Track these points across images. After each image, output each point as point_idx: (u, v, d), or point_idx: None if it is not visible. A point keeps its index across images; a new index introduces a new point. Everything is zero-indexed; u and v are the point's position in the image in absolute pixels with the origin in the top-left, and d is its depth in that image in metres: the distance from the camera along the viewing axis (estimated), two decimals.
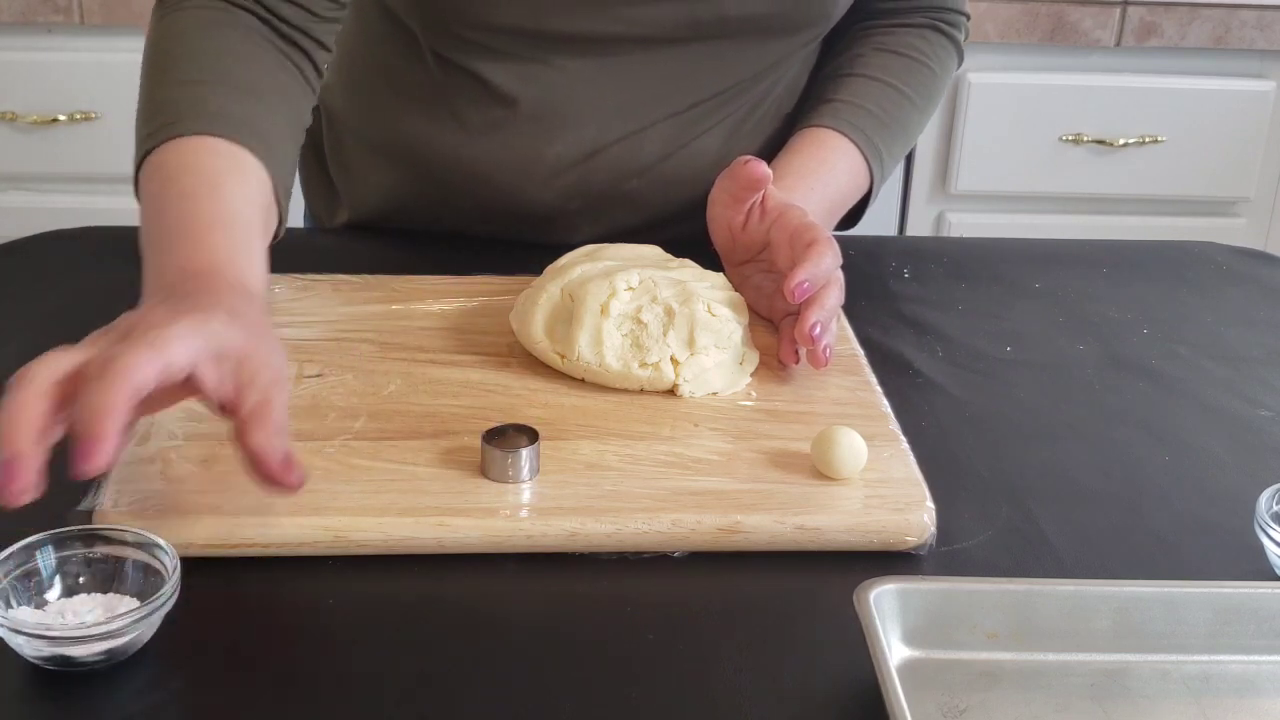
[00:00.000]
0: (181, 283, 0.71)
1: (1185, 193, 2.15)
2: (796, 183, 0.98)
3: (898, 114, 1.04)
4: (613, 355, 0.82)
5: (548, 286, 0.86)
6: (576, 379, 0.84)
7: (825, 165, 1.00)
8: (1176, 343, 0.98)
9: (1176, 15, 2.04)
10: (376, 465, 0.75)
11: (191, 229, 0.76)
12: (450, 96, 1.02)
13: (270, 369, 0.66)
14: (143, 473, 0.73)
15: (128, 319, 0.65)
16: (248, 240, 0.78)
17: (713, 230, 0.94)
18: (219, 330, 0.65)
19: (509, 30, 0.97)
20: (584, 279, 0.85)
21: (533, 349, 0.85)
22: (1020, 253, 1.15)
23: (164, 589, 0.62)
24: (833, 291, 0.84)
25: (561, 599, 0.69)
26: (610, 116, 1.01)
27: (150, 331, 0.62)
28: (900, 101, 1.05)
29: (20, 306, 0.97)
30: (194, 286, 0.70)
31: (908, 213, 2.15)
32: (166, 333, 0.62)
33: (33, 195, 2.04)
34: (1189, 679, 0.64)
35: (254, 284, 0.75)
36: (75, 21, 1.93)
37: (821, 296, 0.83)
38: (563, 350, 0.84)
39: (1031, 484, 0.79)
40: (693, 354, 0.83)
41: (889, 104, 1.04)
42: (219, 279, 0.72)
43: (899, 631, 0.64)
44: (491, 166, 1.02)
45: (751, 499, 0.73)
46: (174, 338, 0.62)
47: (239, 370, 0.65)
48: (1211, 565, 0.73)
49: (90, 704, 0.60)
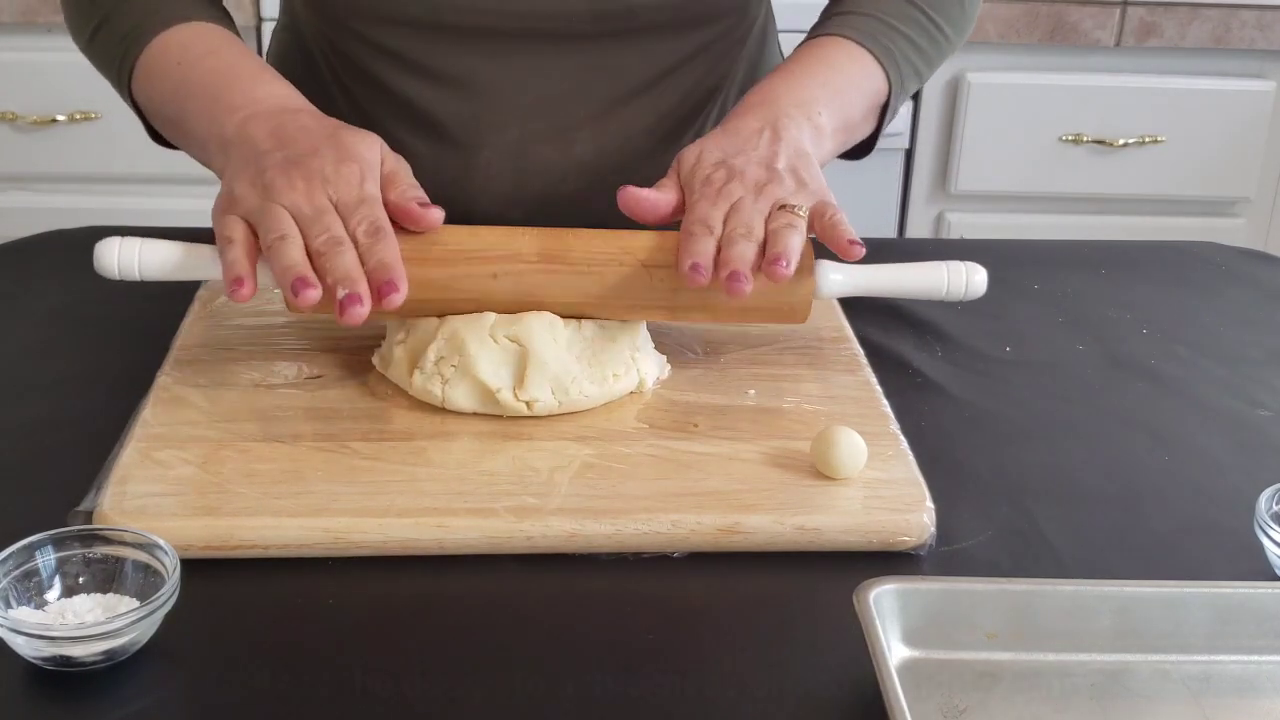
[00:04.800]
0: (287, 117, 0.83)
1: (1185, 193, 2.15)
2: (806, 90, 0.91)
3: (912, 26, 0.97)
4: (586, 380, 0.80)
5: (468, 344, 0.79)
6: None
7: (837, 70, 0.94)
8: (1176, 343, 0.98)
9: (1176, 15, 2.04)
10: (376, 465, 0.75)
11: (238, 78, 0.87)
12: (374, 117, 1.00)
13: (386, 149, 0.83)
14: (143, 473, 0.73)
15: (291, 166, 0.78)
16: (281, 77, 0.90)
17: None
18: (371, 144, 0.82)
19: (406, 22, 0.96)
20: (512, 320, 0.80)
21: (490, 409, 0.80)
22: (1020, 253, 1.15)
23: (164, 589, 0.62)
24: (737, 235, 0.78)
25: (561, 599, 0.69)
26: (531, 117, 0.99)
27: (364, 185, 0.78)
28: (913, 13, 0.97)
29: (20, 306, 0.97)
30: (292, 127, 0.82)
31: (907, 213, 2.15)
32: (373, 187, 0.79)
33: (33, 195, 2.04)
34: (1189, 679, 0.64)
35: (309, 105, 0.87)
36: None
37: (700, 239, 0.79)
38: (528, 398, 0.79)
39: (1031, 484, 0.79)
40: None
41: (901, 14, 0.97)
42: (307, 109, 0.86)
43: (899, 631, 0.64)
44: (426, 179, 1.00)
45: (751, 499, 0.73)
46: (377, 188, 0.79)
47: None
48: (1211, 565, 0.73)
49: (90, 704, 0.60)
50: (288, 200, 0.75)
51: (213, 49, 0.90)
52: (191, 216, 0.93)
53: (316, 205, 0.76)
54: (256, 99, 0.85)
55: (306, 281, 0.72)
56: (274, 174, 0.77)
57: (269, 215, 0.75)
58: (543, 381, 0.79)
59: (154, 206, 1.92)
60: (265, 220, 0.75)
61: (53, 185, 2.03)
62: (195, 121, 0.87)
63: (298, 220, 0.75)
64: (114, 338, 0.92)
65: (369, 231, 0.75)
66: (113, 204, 1.98)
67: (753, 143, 0.86)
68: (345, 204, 0.76)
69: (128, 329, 0.93)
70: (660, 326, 0.89)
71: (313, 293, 0.72)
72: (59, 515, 0.70)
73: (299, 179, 0.76)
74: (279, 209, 0.75)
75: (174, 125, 0.91)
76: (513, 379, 0.79)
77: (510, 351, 0.79)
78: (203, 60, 0.89)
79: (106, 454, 0.75)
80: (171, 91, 0.90)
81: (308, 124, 0.82)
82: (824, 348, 0.90)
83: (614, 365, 0.82)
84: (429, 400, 0.80)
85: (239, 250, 0.75)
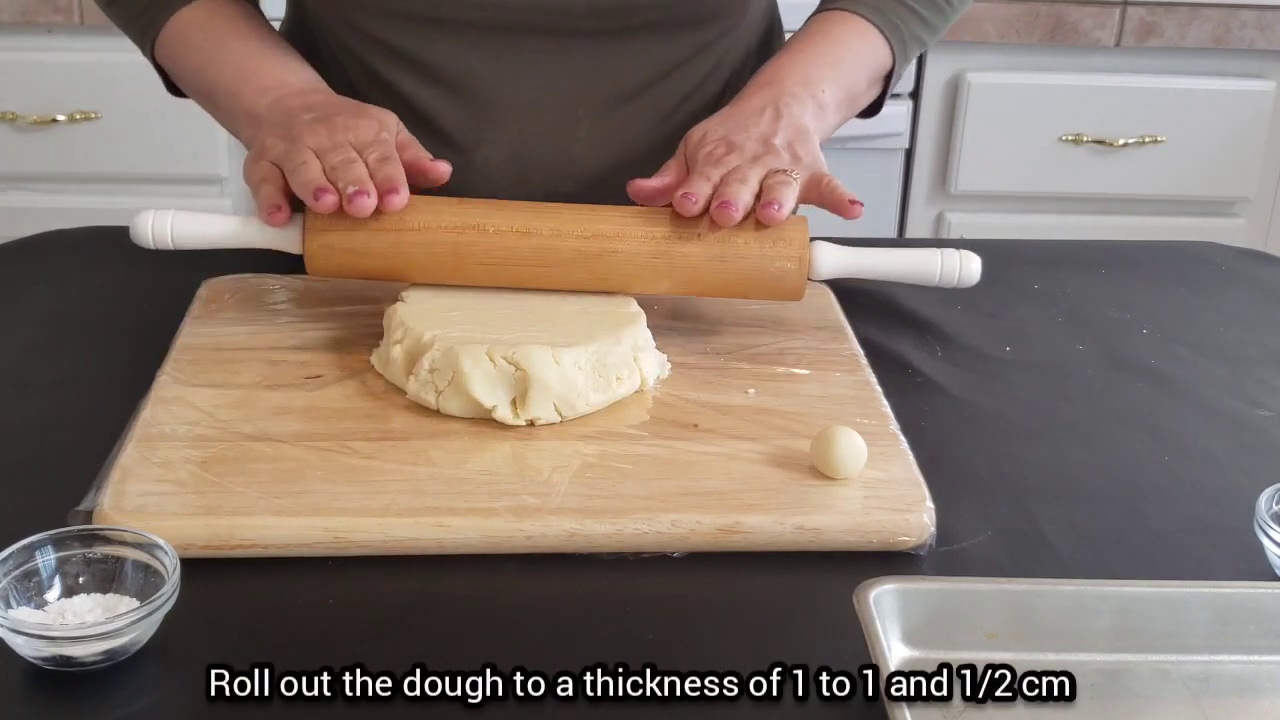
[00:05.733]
0: (314, 96, 0.93)
1: (1185, 193, 2.15)
2: (811, 68, 0.96)
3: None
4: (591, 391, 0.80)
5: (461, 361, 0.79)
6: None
7: (841, 45, 0.99)
8: (1176, 343, 0.98)
9: (1176, 15, 2.04)
10: (376, 465, 0.75)
11: (267, 61, 0.96)
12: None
13: (398, 121, 0.92)
14: (143, 473, 0.73)
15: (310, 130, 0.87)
16: (305, 63, 0.98)
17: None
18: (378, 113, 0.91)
19: (406, 18, 0.96)
20: (511, 343, 0.80)
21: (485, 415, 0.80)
22: (1020, 253, 1.15)
23: (164, 589, 0.62)
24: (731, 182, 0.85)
25: (561, 599, 0.69)
26: (530, 115, 0.99)
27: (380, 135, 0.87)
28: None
29: (20, 306, 0.97)
30: (319, 100, 0.92)
31: (907, 213, 2.15)
32: (389, 137, 0.88)
33: (33, 195, 2.04)
34: (1189, 679, 0.64)
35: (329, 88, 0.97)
36: (75, 21, 1.93)
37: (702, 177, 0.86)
38: (530, 417, 0.79)
39: (1031, 484, 0.79)
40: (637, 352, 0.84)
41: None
42: (331, 91, 0.95)
43: (899, 631, 0.64)
44: None
45: (751, 499, 0.73)
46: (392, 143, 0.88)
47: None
48: (1211, 565, 0.73)
49: (90, 704, 0.60)
50: (311, 141, 0.85)
51: (239, 30, 0.98)
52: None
53: (336, 141, 0.85)
54: (286, 82, 0.94)
55: (324, 189, 0.81)
56: (300, 127, 0.86)
57: (294, 151, 0.85)
58: (545, 401, 0.79)
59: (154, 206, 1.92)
60: (291, 155, 0.84)
61: (53, 185, 2.03)
62: (224, 96, 0.96)
63: (318, 154, 0.84)
64: (114, 338, 0.92)
65: (379, 157, 0.84)
66: (113, 204, 1.98)
67: (754, 120, 0.91)
68: (361, 143, 0.85)
69: (128, 329, 0.93)
70: (662, 325, 0.89)
71: (329, 197, 0.81)
72: (59, 515, 0.70)
73: (322, 128, 0.86)
74: (303, 147, 0.85)
75: (201, 95, 1.00)
76: (509, 397, 0.79)
77: (507, 373, 0.79)
78: (230, 40, 0.97)
79: (106, 454, 0.75)
80: (200, 65, 0.98)
81: (334, 99, 0.93)
82: (824, 348, 0.90)
83: (617, 369, 0.81)
84: (425, 404, 0.80)
85: (271, 186, 0.84)
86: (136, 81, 1.89)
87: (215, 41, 0.98)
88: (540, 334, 0.81)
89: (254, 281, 0.96)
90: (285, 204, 0.84)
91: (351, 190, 0.81)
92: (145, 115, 1.93)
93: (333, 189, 0.82)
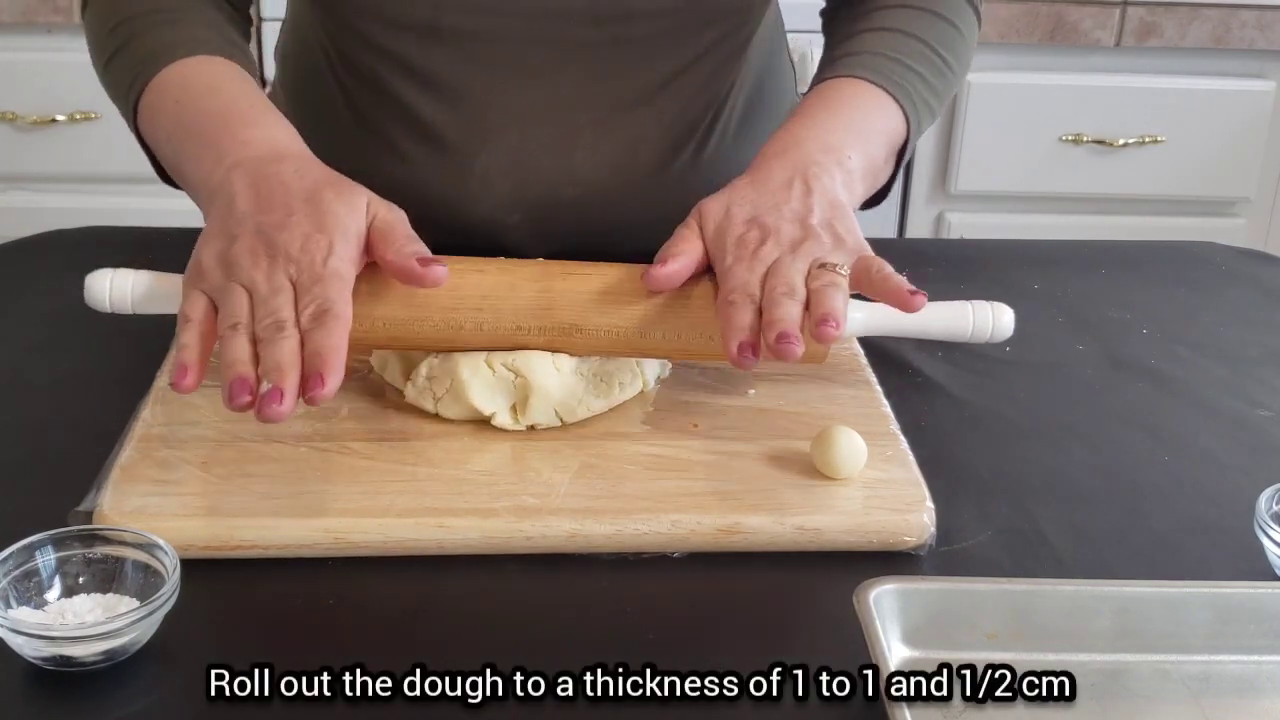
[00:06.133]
0: (270, 168, 0.80)
1: (1185, 193, 2.15)
2: (831, 134, 0.88)
3: (922, 63, 0.95)
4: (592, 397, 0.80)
5: (461, 368, 0.79)
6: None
7: (858, 110, 0.91)
8: (1176, 343, 0.98)
9: (1176, 15, 2.04)
10: (376, 466, 0.75)
11: (231, 120, 0.85)
12: (373, 121, 1.00)
13: (377, 203, 0.79)
14: (143, 473, 0.73)
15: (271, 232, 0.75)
16: (279, 117, 0.87)
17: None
18: (350, 211, 0.77)
19: (407, 26, 0.95)
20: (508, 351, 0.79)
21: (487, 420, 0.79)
22: (1020, 253, 1.15)
23: (164, 589, 0.62)
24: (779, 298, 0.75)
25: (561, 599, 0.69)
26: (531, 121, 0.98)
27: (329, 262, 0.74)
28: (923, 50, 0.95)
29: (20, 306, 0.97)
30: (274, 182, 0.79)
31: (907, 213, 2.15)
32: (339, 262, 0.74)
33: (33, 195, 2.04)
34: (1189, 679, 0.64)
35: (302, 147, 0.85)
36: (75, 21, 1.93)
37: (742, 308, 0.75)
38: (530, 423, 0.79)
39: (1031, 484, 0.79)
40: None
41: (911, 52, 0.95)
42: (294, 156, 0.82)
43: (899, 631, 0.64)
44: (426, 183, 0.99)
45: (751, 499, 0.73)
46: (347, 260, 0.75)
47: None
48: (1211, 565, 0.73)
49: (90, 704, 0.60)
50: (247, 278, 0.73)
51: (214, 86, 0.88)
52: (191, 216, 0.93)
53: (274, 285, 0.73)
54: (247, 142, 0.82)
55: (240, 386, 0.69)
56: (239, 249, 0.75)
57: (227, 298, 0.73)
58: (546, 408, 0.79)
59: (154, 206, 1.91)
60: (224, 303, 0.73)
61: (53, 185, 2.03)
62: (189, 165, 0.85)
63: (253, 299, 0.73)
64: (114, 338, 0.92)
65: (314, 315, 0.71)
66: (113, 204, 1.98)
67: (783, 196, 0.81)
68: (302, 284, 0.73)
69: (128, 329, 0.93)
70: None
71: (243, 398, 0.69)
72: (59, 515, 0.70)
73: (263, 256, 0.74)
74: (237, 290, 0.73)
75: (172, 167, 0.90)
76: (509, 403, 0.79)
77: (506, 380, 0.79)
78: (201, 99, 0.87)
79: (106, 454, 0.75)
80: (168, 132, 0.88)
81: (289, 180, 0.78)
82: None
83: (619, 375, 0.81)
84: (423, 408, 0.80)
85: (194, 334, 0.73)
86: None
87: (185, 102, 0.88)
88: None
89: None
90: (197, 368, 0.71)
91: (265, 390, 0.69)
92: None
93: (250, 387, 0.69)
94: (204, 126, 0.85)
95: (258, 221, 0.76)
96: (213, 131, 0.84)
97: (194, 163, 0.84)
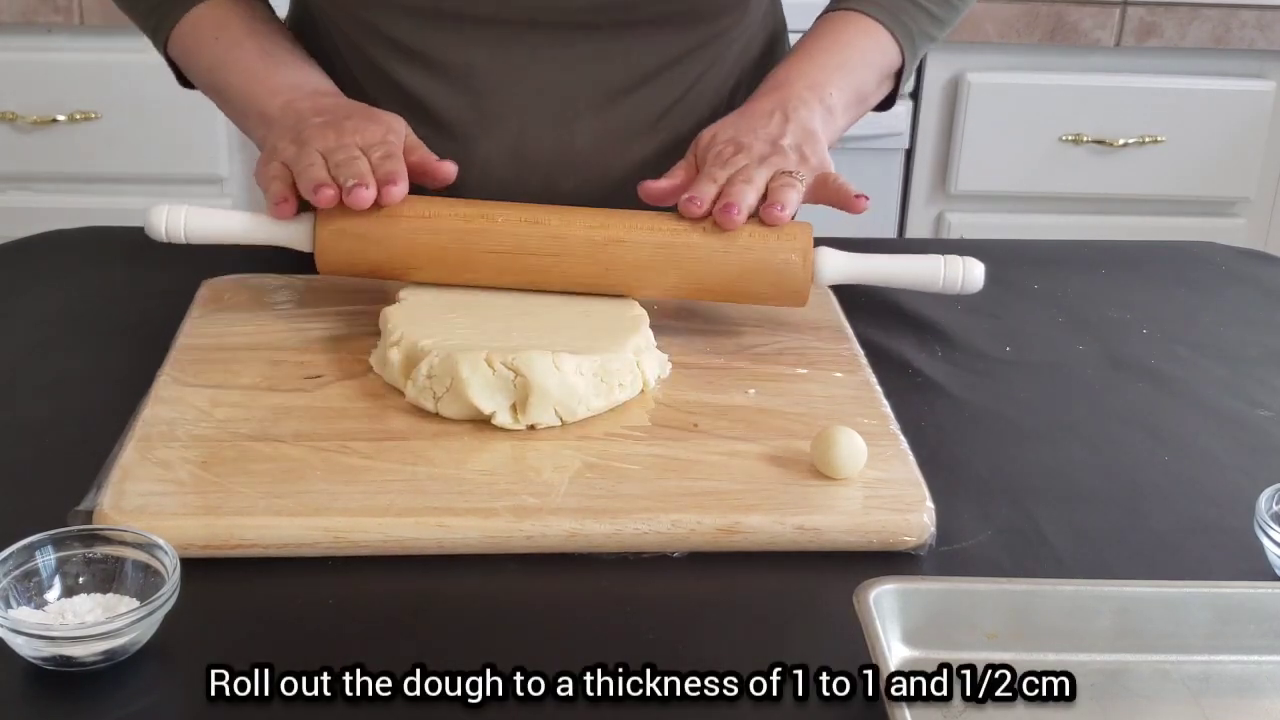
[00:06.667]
0: (325, 99, 0.96)
1: (1185, 193, 2.15)
2: (819, 72, 0.98)
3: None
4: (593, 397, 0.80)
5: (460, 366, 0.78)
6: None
7: (849, 47, 1.00)
8: (1176, 343, 0.98)
9: (1176, 15, 2.04)
10: (376, 465, 0.75)
11: (280, 64, 0.99)
12: (379, 106, 1.00)
13: (407, 126, 0.94)
14: (143, 473, 0.73)
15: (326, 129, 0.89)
16: (315, 65, 1.01)
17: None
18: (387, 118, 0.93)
19: (409, 10, 0.97)
20: (511, 349, 0.79)
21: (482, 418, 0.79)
22: (1020, 253, 1.15)
23: (164, 589, 0.62)
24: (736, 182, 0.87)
25: (561, 599, 0.69)
26: (531, 109, 0.99)
27: (387, 138, 0.89)
28: None
29: (20, 306, 0.97)
30: (329, 103, 0.95)
31: (907, 213, 2.15)
32: (396, 140, 0.90)
33: (33, 195, 2.04)
34: (1189, 679, 0.64)
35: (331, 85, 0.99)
36: (75, 21, 1.93)
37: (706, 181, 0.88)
38: (530, 422, 0.79)
39: (1031, 484, 0.79)
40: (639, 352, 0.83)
41: None
42: (341, 94, 0.98)
43: (899, 631, 0.64)
44: None
45: (751, 499, 0.73)
46: (399, 145, 0.90)
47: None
48: (1211, 565, 0.73)
49: (90, 704, 0.60)
50: (319, 144, 0.87)
51: (253, 30, 1.00)
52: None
53: (343, 143, 0.87)
54: (297, 84, 0.96)
55: (324, 184, 0.83)
56: (310, 131, 0.89)
57: (303, 153, 0.87)
58: (546, 407, 0.79)
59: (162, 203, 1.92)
60: (299, 158, 0.87)
61: (53, 185, 2.03)
62: (237, 95, 0.98)
63: (325, 155, 0.86)
64: (114, 338, 0.92)
65: (383, 155, 0.86)
66: (113, 204, 1.98)
67: (763, 123, 0.93)
68: (367, 144, 0.87)
69: (128, 329, 0.93)
70: (662, 325, 0.89)
71: (328, 191, 0.83)
72: (59, 515, 0.70)
73: (330, 131, 0.88)
74: (311, 149, 0.87)
75: (213, 91, 1.02)
76: (509, 402, 0.79)
77: (506, 379, 0.78)
78: (244, 40, 0.99)
79: (106, 454, 0.75)
80: (212, 64, 1.00)
81: (343, 103, 0.94)
82: (824, 348, 0.90)
83: (620, 376, 0.81)
84: (423, 407, 0.80)
85: (280, 183, 0.86)
86: (136, 81, 1.90)
87: (229, 41, 0.99)
88: (541, 338, 0.81)
89: (254, 282, 0.96)
90: (292, 198, 0.86)
91: (351, 183, 0.83)
92: (145, 115, 1.93)
93: (333, 184, 0.84)
94: (252, 64, 0.98)
95: (323, 120, 0.90)
96: (262, 70, 0.98)
97: (244, 96, 0.97)
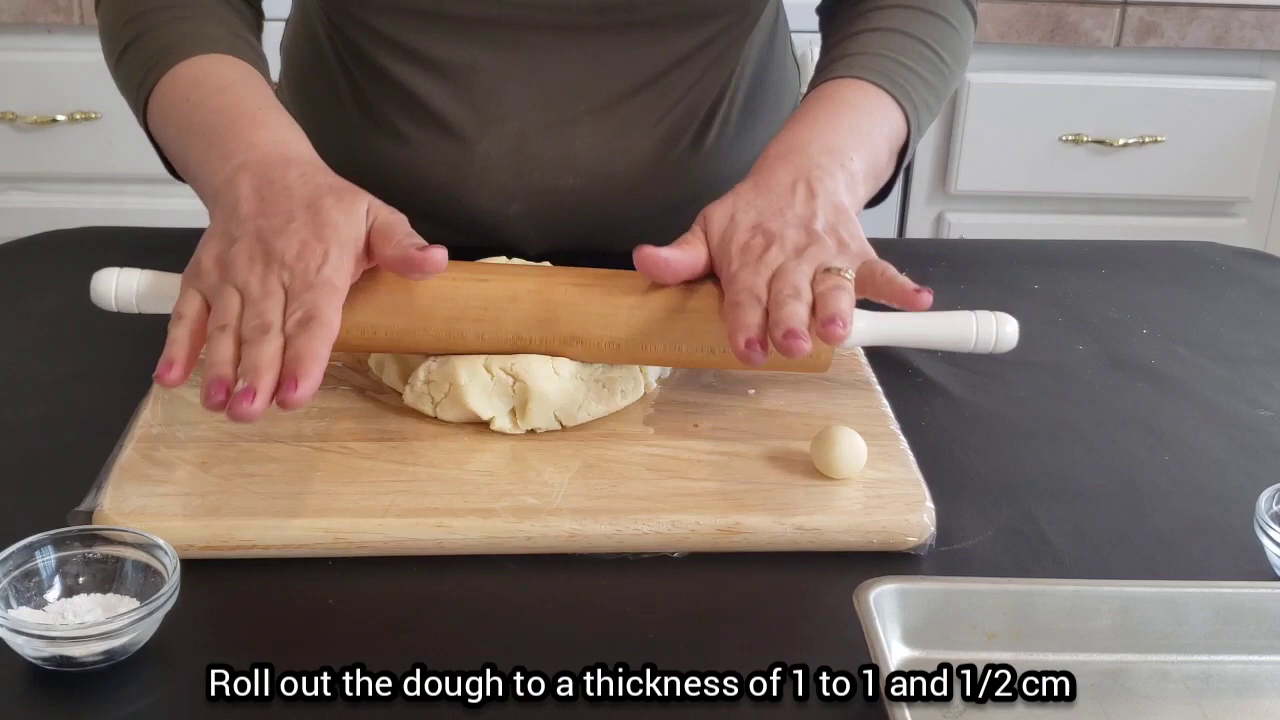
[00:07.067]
0: (275, 172, 0.80)
1: (1185, 193, 2.15)
2: (832, 135, 0.88)
3: (921, 62, 0.95)
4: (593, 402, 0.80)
5: (458, 373, 0.78)
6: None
7: (858, 110, 0.91)
8: (1176, 343, 0.98)
9: (1176, 15, 2.04)
10: (376, 466, 0.75)
11: (239, 120, 0.85)
12: (377, 107, 1.01)
13: (378, 207, 0.79)
14: (143, 473, 0.73)
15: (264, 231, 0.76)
16: (288, 119, 0.87)
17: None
18: (353, 220, 0.77)
19: (410, 11, 0.96)
20: (507, 355, 0.79)
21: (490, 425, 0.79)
22: (1020, 253, 1.15)
23: (164, 589, 0.62)
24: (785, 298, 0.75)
25: (561, 599, 0.69)
26: (531, 108, 0.99)
27: (322, 271, 0.74)
28: (922, 50, 0.95)
29: (20, 306, 0.97)
30: (273, 190, 0.79)
31: (907, 213, 2.15)
32: (333, 271, 0.74)
33: (33, 195, 2.04)
34: (1189, 679, 0.64)
35: (308, 150, 0.85)
36: (75, 21, 1.93)
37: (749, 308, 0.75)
38: (530, 427, 0.79)
39: (1031, 484, 0.79)
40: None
41: (910, 52, 0.95)
42: (300, 161, 0.82)
43: (899, 631, 0.64)
44: (426, 170, 1.00)
45: (751, 499, 0.73)
46: (341, 269, 0.75)
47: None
48: (1211, 565, 0.73)
49: (90, 704, 0.60)
50: (241, 281, 0.74)
51: (223, 85, 0.88)
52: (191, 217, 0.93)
53: (265, 289, 0.73)
54: (254, 144, 0.82)
55: (217, 386, 0.69)
56: (237, 251, 0.75)
57: (220, 299, 0.74)
58: (545, 412, 0.78)
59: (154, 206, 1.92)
60: (216, 304, 0.74)
61: (53, 185, 2.03)
62: (196, 165, 0.86)
63: (244, 302, 0.73)
64: (114, 338, 0.92)
65: (300, 320, 0.71)
66: (113, 204, 1.98)
67: (787, 200, 0.82)
68: (293, 290, 0.73)
69: (128, 329, 0.93)
70: None
71: (219, 398, 0.69)
72: (59, 515, 0.70)
73: (259, 260, 0.74)
74: (231, 292, 0.74)
75: (180, 165, 0.90)
76: (508, 408, 0.79)
77: (505, 385, 0.78)
78: (210, 98, 0.87)
79: (106, 454, 0.75)
80: (177, 130, 0.89)
81: (293, 185, 0.79)
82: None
83: (621, 383, 0.81)
84: (422, 411, 0.80)
85: (184, 331, 0.73)
86: None
87: (195, 101, 0.88)
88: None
89: None
90: (183, 364, 0.72)
91: (240, 388, 0.68)
92: None
93: (227, 386, 0.69)
94: (212, 125, 0.85)
95: (258, 225, 0.76)
96: (221, 131, 0.84)
97: (201, 162, 0.84)
